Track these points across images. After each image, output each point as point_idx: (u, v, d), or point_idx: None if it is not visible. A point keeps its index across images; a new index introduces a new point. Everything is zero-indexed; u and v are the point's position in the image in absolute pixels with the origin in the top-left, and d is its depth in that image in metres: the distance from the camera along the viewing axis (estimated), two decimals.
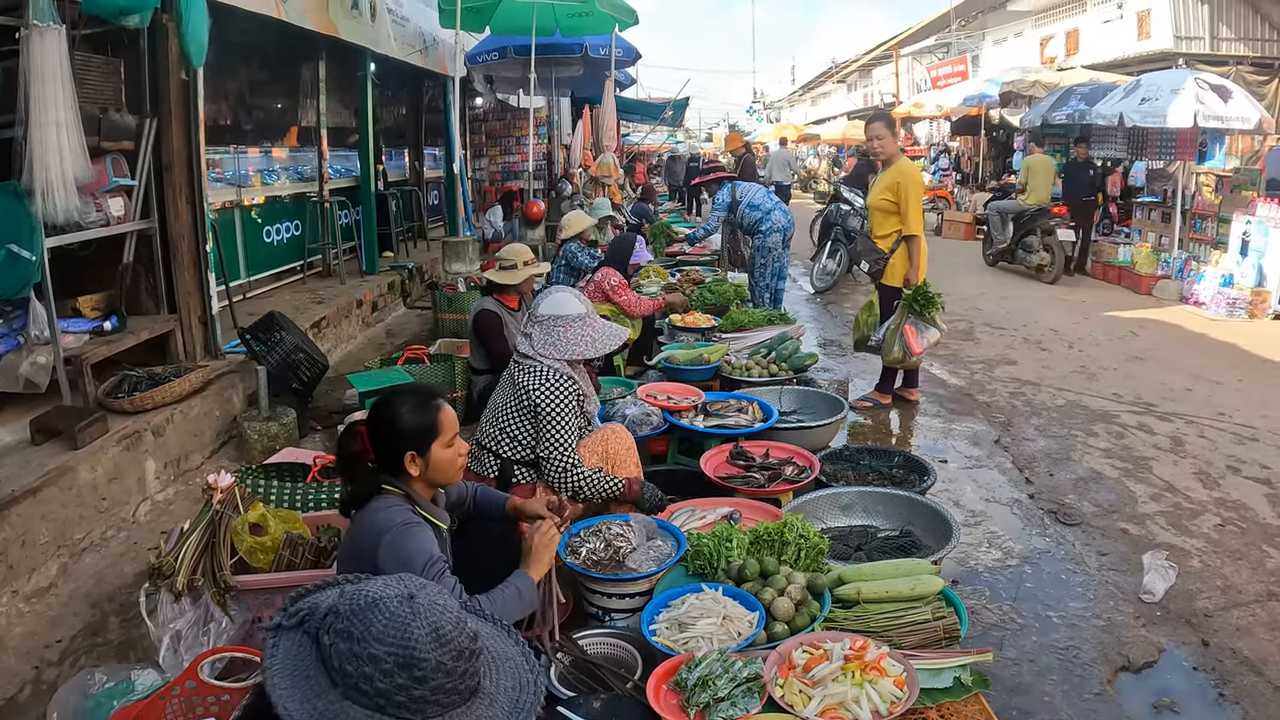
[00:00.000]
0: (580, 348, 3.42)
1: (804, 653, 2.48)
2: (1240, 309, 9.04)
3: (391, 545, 2.28)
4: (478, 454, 3.42)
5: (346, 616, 1.34)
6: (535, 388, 3.30)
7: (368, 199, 9.51)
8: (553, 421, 3.29)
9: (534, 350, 3.40)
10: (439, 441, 2.44)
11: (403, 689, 1.30)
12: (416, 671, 1.30)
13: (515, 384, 3.37)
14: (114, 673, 2.52)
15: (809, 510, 3.66)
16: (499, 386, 3.55)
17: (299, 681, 1.35)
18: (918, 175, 5.67)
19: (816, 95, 43.89)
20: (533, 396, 3.29)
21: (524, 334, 3.50)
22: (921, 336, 5.44)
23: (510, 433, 3.37)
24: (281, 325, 5.24)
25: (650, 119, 20.43)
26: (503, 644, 1.59)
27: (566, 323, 3.44)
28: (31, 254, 3.97)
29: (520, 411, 3.35)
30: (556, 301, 3.50)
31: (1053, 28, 20.66)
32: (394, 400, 2.44)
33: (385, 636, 1.31)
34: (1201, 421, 5.73)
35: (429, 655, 1.31)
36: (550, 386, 3.31)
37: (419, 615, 1.33)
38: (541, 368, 3.35)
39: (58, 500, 3.64)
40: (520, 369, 3.39)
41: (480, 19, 10.50)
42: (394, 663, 1.30)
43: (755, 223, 7.74)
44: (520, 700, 1.48)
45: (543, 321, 3.46)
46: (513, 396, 3.38)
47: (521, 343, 3.48)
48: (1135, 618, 3.37)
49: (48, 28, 3.76)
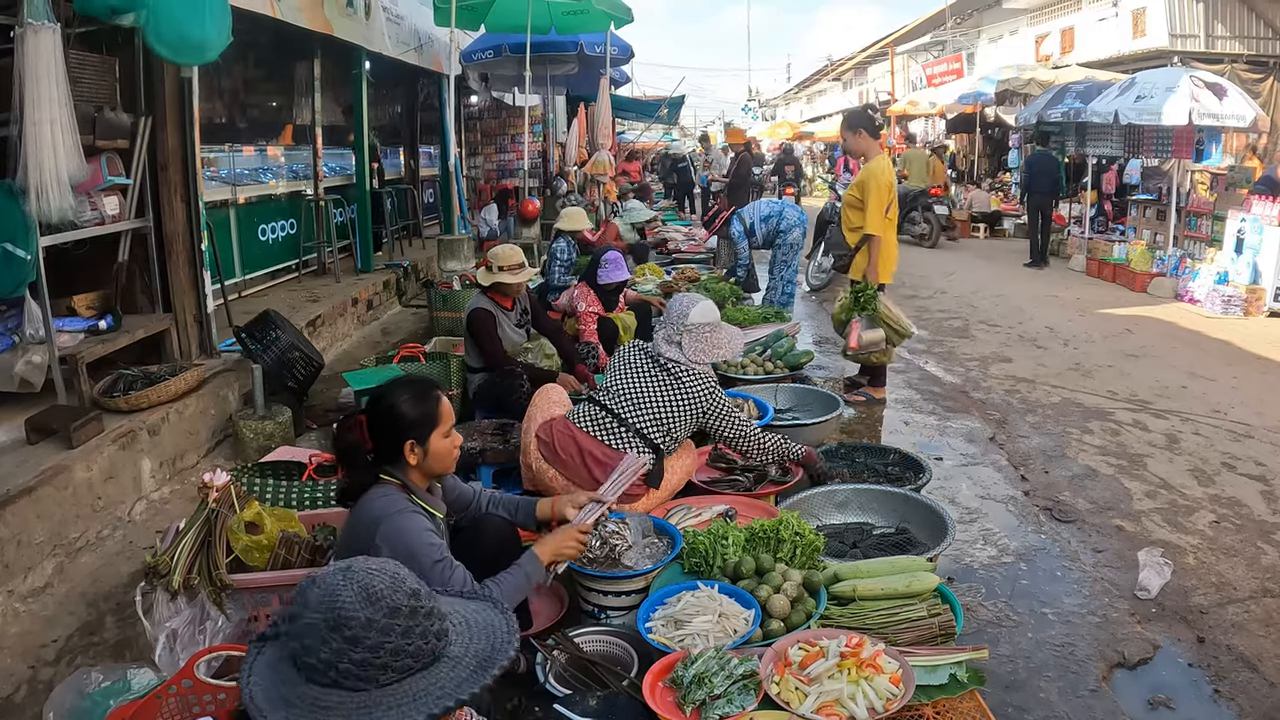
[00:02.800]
0: (722, 351, 3.79)
1: (800, 650, 2.49)
2: (1235, 306, 9.06)
3: (388, 535, 2.30)
4: (613, 428, 3.58)
5: (292, 599, 1.40)
6: (706, 400, 3.63)
7: (363, 197, 9.48)
8: (728, 418, 3.68)
9: (684, 357, 3.68)
10: (438, 431, 2.47)
11: (341, 654, 1.31)
12: (346, 631, 1.32)
13: (676, 389, 3.62)
14: (110, 672, 2.52)
15: (804, 507, 3.67)
16: (636, 370, 3.72)
17: (269, 676, 1.39)
18: (885, 175, 5.54)
19: (812, 93, 43.91)
20: (703, 407, 3.63)
21: (670, 340, 3.72)
22: (862, 334, 5.47)
23: (669, 430, 3.60)
24: (277, 324, 5.23)
25: (646, 117, 20.43)
26: (484, 613, 1.59)
27: (713, 329, 3.75)
28: (26, 253, 3.96)
29: (686, 412, 3.61)
30: (705, 310, 3.77)
31: (1048, 25, 20.68)
32: (394, 390, 2.46)
33: (319, 604, 1.34)
34: (1196, 419, 5.74)
35: (357, 613, 1.33)
36: (717, 396, 3.67)
37: (351, 580, 1.36)
38: (703, 379, 3.66)
39: (53, 499, 3.63)
40: (675, 376, 3.63)
41: (475, 17, 10.50)
42: (325, 625, 1.32)
43: (775, 229, 7.88)
44: (490, 658, 1.48)
45: (694, 329, 3.71)
46: (674, 396, 3.61)
47: (667, 348, 3.70)
48: (1130, 614, 3.38)
49: (42, 26, 3.74)
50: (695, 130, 42.73)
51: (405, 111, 12.87)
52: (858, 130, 5.72)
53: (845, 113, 6.80)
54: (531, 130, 13.45)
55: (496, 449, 4.17)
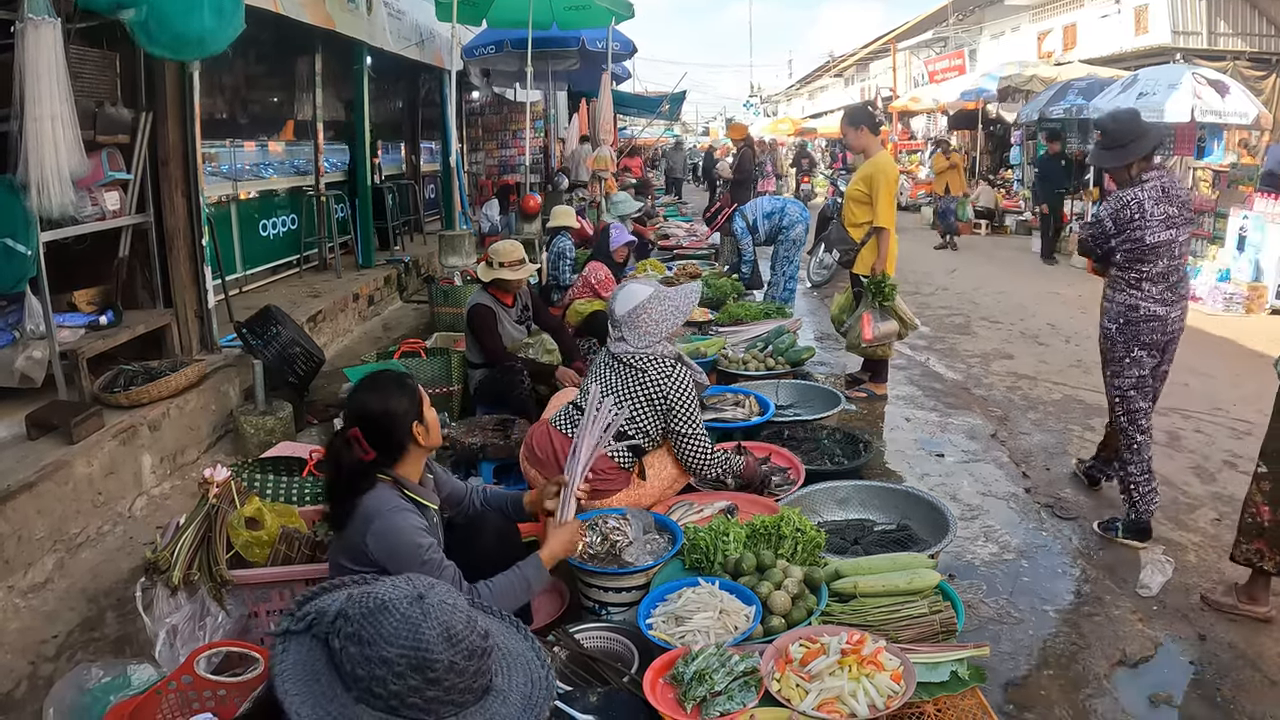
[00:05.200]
0: (670, 321, 3.59)
1: (801, 646, 2.48)
2: (1237, 304, 9.05)
3: (378, 533, 2.30)
4: None
5: (356, 620, 1.33)
6: (665, 382, 3.49)
7: (364, 193, 9.48)
8: (685, 413, 3.52)
9: (636, 348, 3.55)
10: (425, 404, 2.52)
11: (416, 690, 1.29)
12: (429, 673, 1.29)
13: (639, 380, 3.50)
14: (110, 668, 2.52)
15: (805, 504, 3.67)
16: (607, 370, 3.62)
17: (310, 685, 1.34)
18: (891, 169, 5.68)
19: (814, 89, 43.83)
20: (664, 389, 3.49)
21: (615, 339, 3.62)
22: (876, 325, 5.48)
23: (637, 420, 3.51)
24: (277, 319, 5.23)
25: (647, 113, 20.41)
26: (513, 640, 1.58)
27: (643, 309, 3.56)
28: (27, 248, 3.95)
29: (650, 400, 3.51)
30: (626, 296, 3.64)
31: (1050, 22, 20.63)
32: (376, 391, 2.46)
33: (397, 639, 1.30)
34: (1198, 416, 5.73)
35: (441, 656, 1.30)
36: (680, 379, 3.51)
37: (430, 616, 1.32)
38: (663, 362, 3.52)
39: (54, 495, 3.63)
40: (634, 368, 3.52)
41: (477, 12, 10.47)
42: (406, 664, 1.29)
43: (777, 225, 7.89)
44: (533, 696, 1.47)
45: (625, 321, 3.59)
46: (638, 387, 3.51)
47: (615, 346, 3.60)
48: (1132, 612, 3.37)
49: (43, 21, 3.73)
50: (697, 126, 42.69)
51: (407, 107, 12.85)
52: (859, 127, 5.76)
53: (847, 109, 6.80)
54: (533, 126, 13.42)
55: (497, 444, 4.17)
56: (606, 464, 3.42)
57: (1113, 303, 3.96)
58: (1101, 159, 4.02)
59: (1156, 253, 3.81)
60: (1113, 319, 3.96)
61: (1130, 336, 3.93)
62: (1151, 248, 3.80)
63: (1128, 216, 3.80)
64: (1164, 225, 3.78)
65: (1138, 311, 3.89)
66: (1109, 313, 3.99)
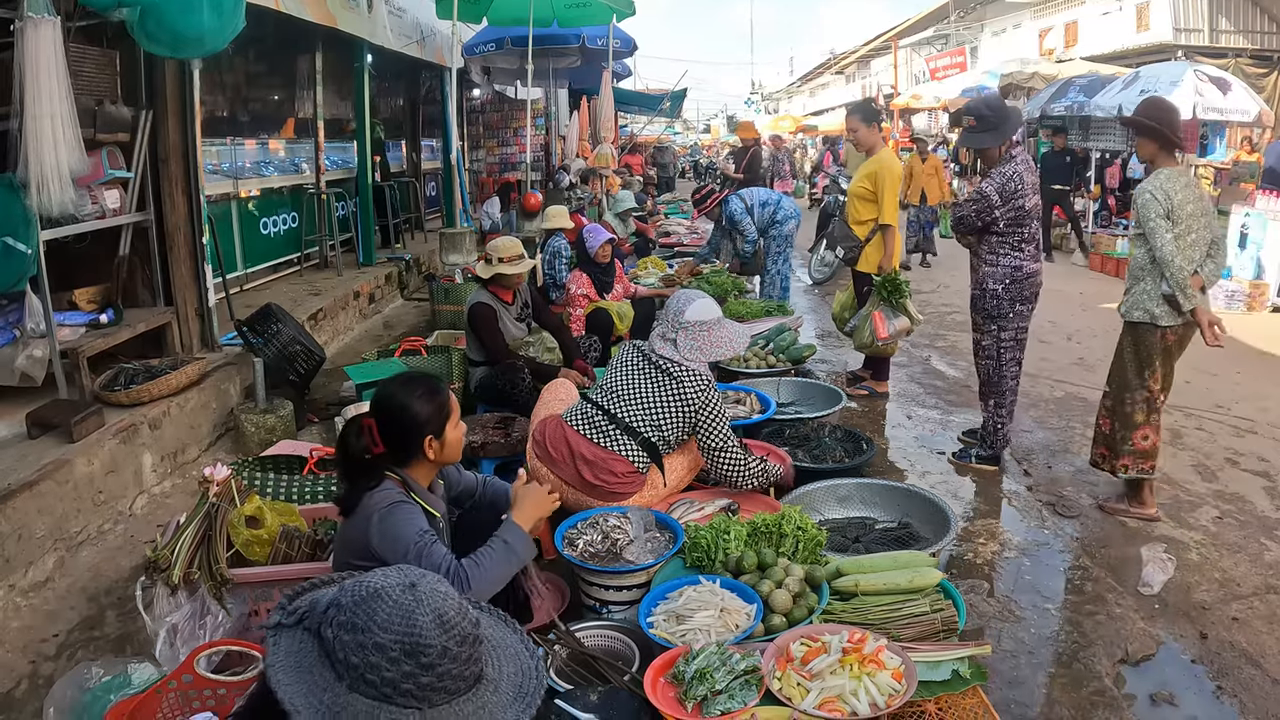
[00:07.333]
0: (722, 349, 3.62)
1: (802, 645, 2.48)
2: (1238, 301, 9.04)
3: (380, 523, 2.30)
4: (604, 426, 3.47)
5: (349, 608, 1.34)
6: (699, 398, 3.46)
7: (364, 191, 9.48)
8: (718, 425, 3.48)
9: (679, 355, 3.54)
10: (450, 422, 2.48)
11: (410, 676, 1.30)
12: (423, 658, 1.30)
13: (671, 388, 3.48)
14: (110, 666, 2.52)
15: (807, 502, 3.66)
16: (633, 369, 3.60)
17: (303, 676, 1.34)
18: (896, 166, 5.75)
19: (815, 87, 43.83)
20: (695, 406, 3.46)
21: (665, 338, 3.60)
22: (889, 323, 5.46)
23: (661, 427, 3.48)
24: (278, 317, 5.22)
25: (648, 110, 20.38)
26: (501, 631, 1.59)
27: (709, 327, 3.59)
28: (27, 247, 3.95)
29: (679, 411, 3.48)
30: (702, 308, 3.63)
31: (1051, 19, 20.62)
32: (404, 389, 2.44)
33: (390, 625, 1.30)
34: (1200, 414, 5.73)
35: (435, 641, 1.31)
36: (711, 397, 3.49)
37: (422, 602, 1.33)
38: (699, 378, 3.49)
39: (54, 494, 3.63)
40: (670, 375, 3.49)
41: (477, 10, 10.46)
42: (400, 650, 1.29)
43: (771, 217, 7.86)
44: (524, 686, 1.48)
45: (689, 327, 3.58)
46: (668, 395, 3.48)
47: (661, 345, 3.58)
48: (1134, 610, 3.37)
49: (43, 19, 3.73)
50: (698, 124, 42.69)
51: (407, 105, 12.85)
52: (871, 124, 5.79)
53: (856, 104, 6.79)
54: (534, 124, 13.42)
55: (498, 442, 4.16)
56: (624, 466, 3.40)
57: (996, 267, 4.47)
58: (980, 140, 4.50)
59: (1031, 216, 4.40)
60: (998, 280, 4.47)
61: (1015, 294, 4.48)
62: (1029, 212, 4.38)
63: (1013, 189, 4.33)
64: (1033, 191, 4.41)
65: (1021, 270, 4.45)
66: (993, 276, 4.48)
